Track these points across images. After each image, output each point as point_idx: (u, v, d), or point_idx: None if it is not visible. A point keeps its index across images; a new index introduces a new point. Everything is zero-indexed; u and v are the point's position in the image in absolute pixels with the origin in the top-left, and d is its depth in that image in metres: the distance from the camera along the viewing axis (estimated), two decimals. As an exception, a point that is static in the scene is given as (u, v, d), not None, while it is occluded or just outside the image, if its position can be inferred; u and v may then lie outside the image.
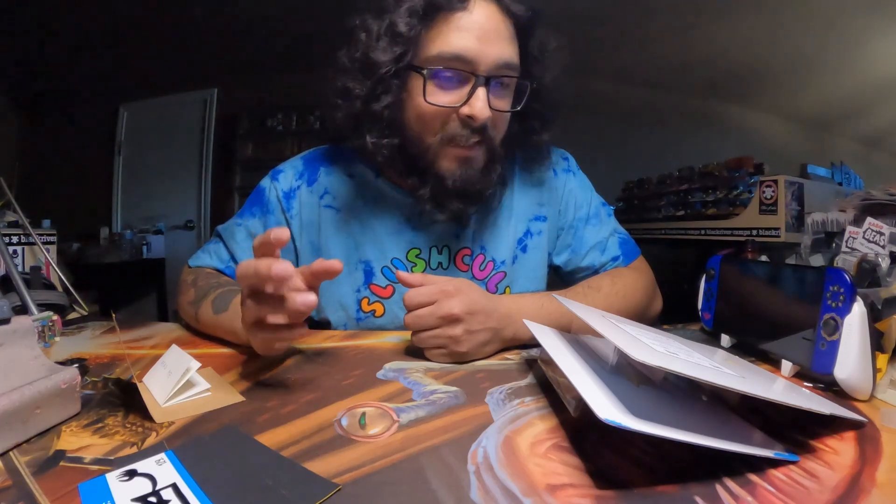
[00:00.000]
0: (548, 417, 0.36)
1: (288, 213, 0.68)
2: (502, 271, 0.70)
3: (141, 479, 0.27)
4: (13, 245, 0.82)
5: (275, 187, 0.69)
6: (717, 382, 0.29)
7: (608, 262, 0.72)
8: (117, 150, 3.48)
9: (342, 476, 0.28)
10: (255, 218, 0.69)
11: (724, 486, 0.26)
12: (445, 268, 0.69)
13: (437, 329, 0.49)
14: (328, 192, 0.69)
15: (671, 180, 2.81)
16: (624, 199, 3.23)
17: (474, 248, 0.69)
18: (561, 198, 0.73)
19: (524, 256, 0.71)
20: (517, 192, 0.71)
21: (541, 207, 0.72)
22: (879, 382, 0.39)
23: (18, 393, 0.32)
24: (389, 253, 0.68)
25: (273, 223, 0.68)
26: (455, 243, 0.68)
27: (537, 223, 0.72)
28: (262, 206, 0.69)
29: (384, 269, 0.68)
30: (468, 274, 0.69)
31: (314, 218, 0.68)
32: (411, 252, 0.68)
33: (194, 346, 0.57)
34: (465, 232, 0.68)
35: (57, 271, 0.84)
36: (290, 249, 0.69)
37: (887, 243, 0.54)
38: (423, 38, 0.57)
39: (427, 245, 0.68)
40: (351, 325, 0.69)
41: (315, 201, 0.68)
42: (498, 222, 0.70)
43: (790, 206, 1.80)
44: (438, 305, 0.49)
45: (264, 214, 0.69)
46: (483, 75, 0.56)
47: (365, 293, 0.68)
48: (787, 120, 3.90)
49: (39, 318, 0.58)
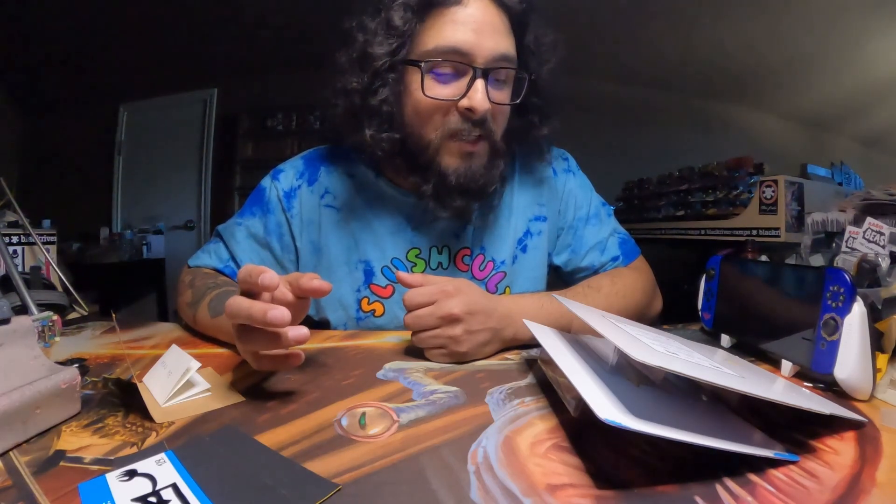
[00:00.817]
0: (548, 417, 0.36)
1: (288, 212, 0.68)
2: (502, 271, 0.70)
3: (141, 479, 0.27)
4: (13, 245, 0.82)
5: (275, 187, 0.69)
6: (717, 382, 0.29)
7: (608, 262, 0.72)
8: (117, 150, 3.48)
9: (342, 476, 0.28)
10: (256, 217, 0.69)
11: (724, 486, 0.26)
12: (445, 268, 0.69)
13: (436, 329, 0.49)
14: (329, 192, 0.69)
15: (671, 180, 2.81)
16: (624, 199, 3.23)
17: (474, 248, 0.69)
18: (561, 198, 0.73)
19: (524, 256, 0.71)
20: (517, 192, 0.71)
21: (541, 207, 0.72)
22: (879, 382, 0.39)
23: (18, 393, 0.32)
24: (389, 253, 0.68)
25: (273, 223, 0.68)
26: (455, 243, 0.68)
27: (537, 223, 0.72)
28: (262, 205, 0.69)
29: (384, 269, 0.68)
30: (468, 274, 0.69)
31: (314, 217, 0.68)
32: (411, 252, 0.68)
33: (194, 346, 0.57)
34: (465, 232, 0.68)
35: (57, 271, 0.84)
36: (290, 248, 0.69)
37: (887, 243, 0.54)
38: (420, 33, 0.57)
39: (427, 245, 0.68)
40: (351, 324, 0.69)
41: (315, 201, 0.68)
42: (498, 222, 0.70)
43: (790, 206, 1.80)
44: (438, 305, 0.49)
45: (264, 214, 0.69)
46: (481, 67, 0.56)
47: (365, 293, 0.68)
48: (787, 120, 3.90)
49: (39, 318, 0.58)
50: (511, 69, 0.59)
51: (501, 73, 0.59)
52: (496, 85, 0.59)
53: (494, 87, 0.58)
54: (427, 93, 0.57)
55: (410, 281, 0.51)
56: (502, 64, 0.57)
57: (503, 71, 0.58)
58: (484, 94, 0.56)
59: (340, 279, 0.68)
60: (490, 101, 0.57)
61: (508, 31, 0.59)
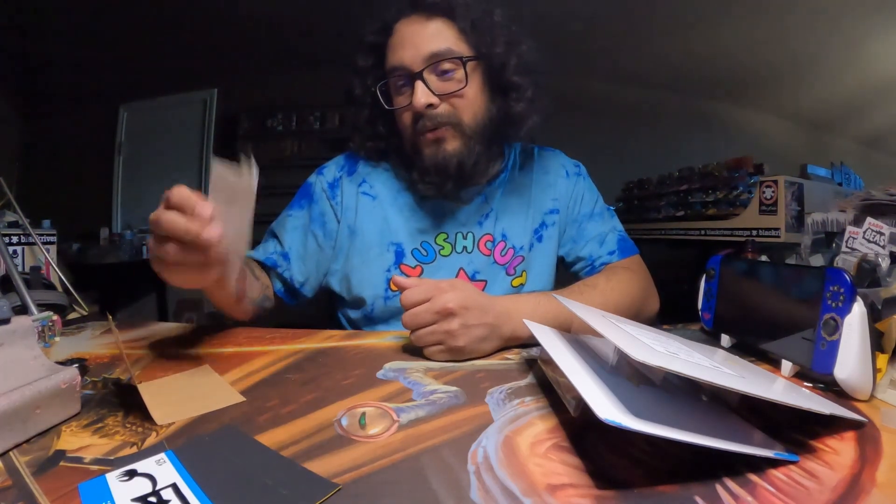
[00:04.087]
0: (548, 417, 0.36)
1: (333, 200, 0.76)
2: (521, 255, 0.76)
3: (141, 479, 0.27)
4: (13, 245, 0.82)
5: (320, 181, 0.78)
6: (717, 382, 0.29)
7: (604, 254, 0.77)
8: (117, 150, 3.48)
9: (342, 476, 0.28)
10: (304, 210, 0.77)
11: (724, 486, 0.26)
12: (470, 251, 0.75)
13: (433, 325, 0.50)
14: (366, 182, 0.77)
15: (671, 180, 2.81)
16: (624, 200, 3.22)
17: (496, 235, 0.75)
18: (571, 195, 0.80)
19: (539, 245, 0.77)
20: (535, 188, 0.78)
21: (555, 202, 0.79)
22: (879, 382, 0.39)
23: (18, 393, 0.32)
24: (419, 236, 0.75)
25: (317, 212, 0.76)
26: (478, 230, 0.75)
27: (551, 216, 0.78)
28: (308, 197, 0.78)
29: (414, 251, 0.74)
30: (490, 258, 0.74)
31: (352, 203, 0.76)
32: (440, 236, 0.75)
33: (195, 345, 0.57)
34: (487, 220, 0.76)
35: (57, 271, 0.84)
36: (332, 234, 0.76)
37: (887, 243, 0.54)
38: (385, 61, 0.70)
39: (454, 231, 0.75)
40: (378, 303, 0.73)
41: (354, 189, 0.77)
42: (518, 213, 0.77)
43: (790, 206, 1.80)
44: (433, 301, 0.50)
45: (310, 204, 0.77)
46: (417, 71, 0.65)
47: (395, 273, 0.73)
48: (787, 120, 3.89)
49: (39, 318, 0.58)
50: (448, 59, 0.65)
51: (440, 67, 0.66)
52: (444, 78, 0.67)
53: (442, 80, 0.67)
54: (388, 105, 0.70)
55: (405, 283, 0.53)
56: (433, 60, 0.65)
57: (443, 64, 0.66)
58: (420, 94, 0.65)
59: (372, 259, 0.74)
60: (436, 93, 0.66)
61: (446, 29, 0.67)
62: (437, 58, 0.65)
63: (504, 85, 0.70)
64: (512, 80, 0.69)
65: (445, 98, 0.67)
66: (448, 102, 0.67)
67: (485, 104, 0.70)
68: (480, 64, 0.69)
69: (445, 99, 0.67)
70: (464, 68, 0.66)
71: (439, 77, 0.66)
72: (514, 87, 0.70)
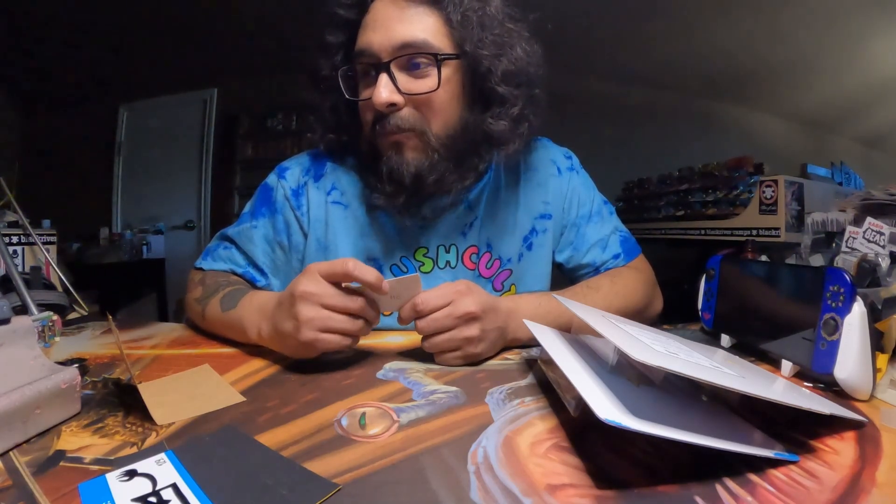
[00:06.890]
0: (548, 417, 0.36)
1: (298, 210, 0.67)
2: (508, 269, 0.69)
3: (141, 479, 0.27)
4: (13, 245, 0.82)
5: (282, 186, 0.68)
6: (717, 382, 0.29)
7: (609, 259, 0.72)
8: (117, 150, 3.49)
9: (342, 476, 0.28)
10: (266, 218, 0.68)
11: (724, 486, 0.26)
12: (453, 266, 0.68)
13: (452, 331, 0.48)
14: (335, 188, 0.68)
15: (671, 180, 2.81)
16: (624, 199, 3.23)
17: (481, 247, 0.68)
18: (565, 196, 0.72)
19: (530, 254, 0.70)
20: (522, 190, 0.70)
21: (546, 205, 0.71)
22: (879, 382, 0.39)
23: (18, 393, 0.32)
24: (398, 251, 0.67)
25: (281, 223, 0.67)
26: (462, 242, 0.67)
27: (542, 221, 0.71)
28: (270, 205, 0.68)
29: (393, 268, 0.67)
30: (475, 272, 0.68)
31: (321, 215, 0.67)
32: (419, 251, 0.67)
33: (195, 345, 0.57)
34: (471, 230, 0.67)
35: (57, 271, 0.84)
36: (298, 247, 0.68)
37: (887, 243, 0.54)
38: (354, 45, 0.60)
39: (434, 244, 0.67)
40: None
41: (322, 198, 0.67)
42: (504, 220, 0.69)
43: (790, 206, 1.80)
44: (455, 305, 0.47)
45: (272, 214, 0.68)
46: (385, 61, 0.56)
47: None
48: (787, 120, 3.90)
49: (39, 318, 0.58)
50: (422, 54, 0.56)
51: (411, 60, 0.56)
52: (414, 74, 0.57)
53: (412, 76, 0.57)
54: (349, 96, 0.60)
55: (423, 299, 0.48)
56: (404, 52, 0.55)
57: (417, 59, 0.56)
58: (382, 89, 0.55)
59: None
60: (402, 91, 0.56)
61: (421, 15, 0.56)
62: (408, 49, 0.55)
63: (487, 94, 0.60)
64: (496, 90, 0.59)
65: (412, 99, 0.57)
66: (414, 104, 0.57)
67: (458, 113, 0.60)
68: (462, 65, 0.58)
69: (412, 100, 0.57)
70: (437, 67, 0.56)
71: (409, 72, 0.56)
72: (497, 98, 0.59)
